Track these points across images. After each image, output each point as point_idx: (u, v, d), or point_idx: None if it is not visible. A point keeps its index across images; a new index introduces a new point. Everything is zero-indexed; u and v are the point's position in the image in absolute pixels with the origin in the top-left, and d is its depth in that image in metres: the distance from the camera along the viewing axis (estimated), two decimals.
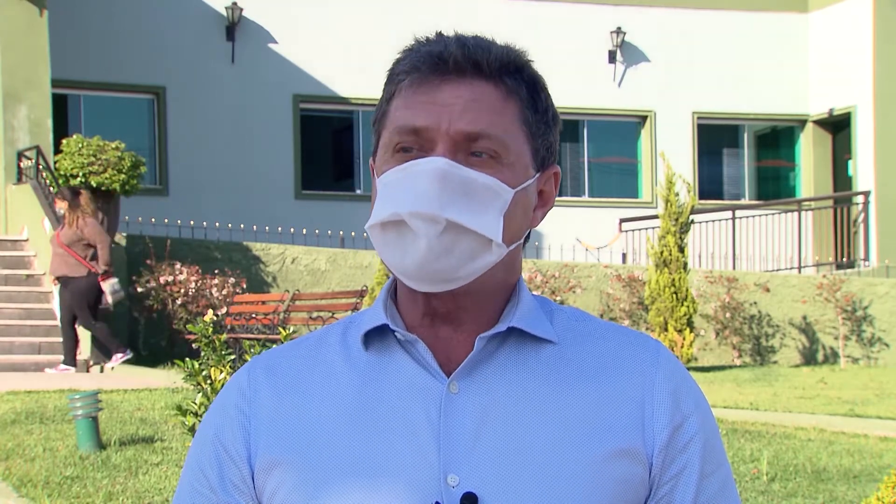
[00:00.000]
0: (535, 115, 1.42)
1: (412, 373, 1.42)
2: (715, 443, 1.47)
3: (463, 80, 1.38)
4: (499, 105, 1.39)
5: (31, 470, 6.94)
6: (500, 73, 1.39)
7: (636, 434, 1.41)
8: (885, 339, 17.29)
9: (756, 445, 8.05)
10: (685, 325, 14.78)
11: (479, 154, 1.37)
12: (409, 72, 1.39)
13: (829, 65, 21.08)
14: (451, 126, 1.36)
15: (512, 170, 1.39)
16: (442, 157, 1.36)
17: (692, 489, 1.43)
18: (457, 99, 1.37)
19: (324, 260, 16.50)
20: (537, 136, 1.42)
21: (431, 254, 1.35)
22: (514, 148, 1.39)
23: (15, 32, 15.76)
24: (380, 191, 1.40)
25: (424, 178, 1.35)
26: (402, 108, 1.39)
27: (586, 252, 19.29)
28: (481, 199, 1.37)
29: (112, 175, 15.06)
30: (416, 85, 1.38)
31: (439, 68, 1.38)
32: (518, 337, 1.44)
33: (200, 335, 5.93)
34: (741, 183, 21.94)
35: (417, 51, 1.40)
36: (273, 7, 19.31)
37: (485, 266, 1.38)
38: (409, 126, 1.38)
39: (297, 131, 19.56)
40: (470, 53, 1.38)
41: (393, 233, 1.37)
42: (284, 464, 1.41)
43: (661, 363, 1.46)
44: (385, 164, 1.40)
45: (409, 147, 1.38)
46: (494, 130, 1.37)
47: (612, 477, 1.39)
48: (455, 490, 1.36)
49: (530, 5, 20.25)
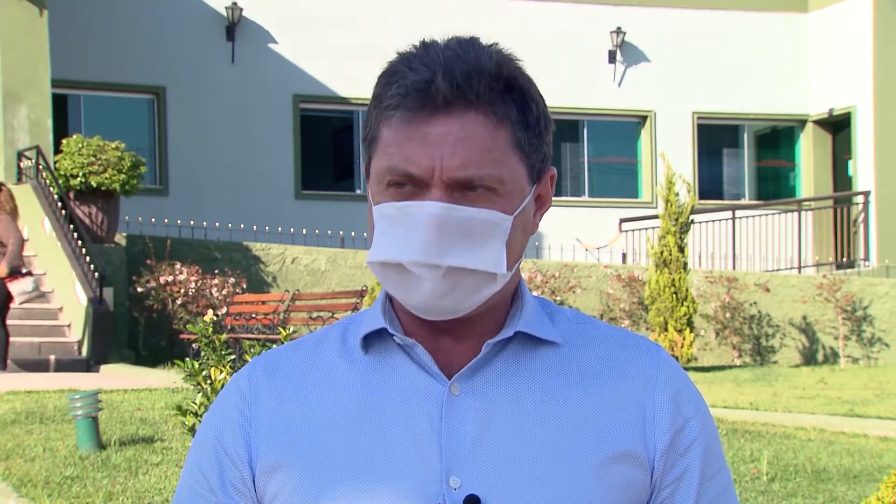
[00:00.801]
0: (528, 132, 1.38)
1: (413, 375, 1.42)
2: (715, 447, 1.48)
3: (452, 114, 1.34)
4: (489, 136, 1.35)
5: (31, 470, 6.95)
6: (490, 100, 1.36)
7: (638, 437, 1.41)
8: (885, 339, 17.29)
9: (756, 445, 8.05)
10: (685, 325, 14.78)
11: (475, 189, 1.35)
12: (398, 106, 1.36)
13: (829, 65, 21.09)
14: (443, 171, 1.34)
15: (509, 197, 1.37)
16: (437, 203, 1.33)
17: (693, 493, 1.44)
18: (447, 136, 1.34)
19: (324, 260, 16.50)
20: (531, 153, 1.40)
21: (435, 294, 1.35)
22: (508, 177, 1.37)
23: (15, 32, 15.76)
24: (378, 222, 1.38)
25: (422, 226, 1.33)
26: (394, 144, 1.36)
27: (586, 252, 19.29)
28: (481, 234, 1.35)
29: (112, 175, 15.07)
30: (405, 123, 1.35)
31: (428, 103, 1.34)
32: (521, 340, 1.44)
33: (200, 335, 5.94)
34: (741, 183, 21.94)
35: (404, 76, 1.36)
36: (273, 7, 19.31)
37: (490, 294, 1.38)
38: (402, 170, 1.35)
39: (296, 131, 19.56)
40: (457, 85, 1.34)
41: (394, 272, 1.37)
42: (286, 466, 1.41)
43: (662, 367, 1.46)
44: (379, 195, 1.38)
45: (402, 183, 1.36)
46: (486, 170, 1.35)
47: (614, 480, 1.39)
48: (457, 492, 1.36)
49: (530, 5, 20.25)
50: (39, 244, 14.93)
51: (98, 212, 15.38)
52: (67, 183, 15.14)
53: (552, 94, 21.10)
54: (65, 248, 14.18)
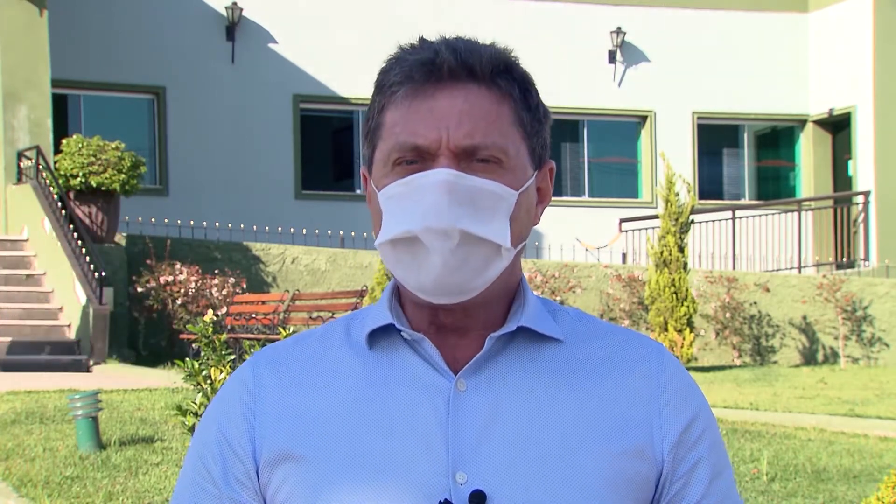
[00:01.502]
0: (529, 114, 1.42)
1: (420, 371, 1.42)
2: (720, 442, 1.49)
3: (457, 86, 1.38)
4: (494, 109, 1.39)
5: (31, 470, 6.94)
6: (493, 76, 1.40)
7: (644, 433, 1.42)
8: (885, 339, 17.29)
9: (756, 445, 8.05)
10: (685, 325, 14.78)
11: (482, 160, 1.38)
12: (403, 82, 1.39)
13: (829, 65, 21.09)
14: (450, 140, 1.36)
15: (513, 173, 1.40)
16: (446, 169, 1.36)
17: (703, 486, 1.44)
18: (452, 108, 1.37)
19: (324, 260, 16.50)
20: (532, 135, 1.43)
21: (446, 269, 1.36)
22: (512, 151, 1.40)
23: (15, 32, 15.76)
24: (384, 205, 1.40)
25: (432, 191, 1.35)
26: (400, 121, 1.39)
27: (586, 252, 19.29)
28: (488, 205, 1.37)
29: (112, 175, 15.07)
30: (410, 96, 1.38)
31: (433, 76, 1.38)
32: (525, 336, 1.45)
33: (200, 335, 5.93)
34: (741, 183, 21.94)
35: (406, 59, 1.40)
36: (273, 7, 19.31)
37: (497, 272, 1.39)
38: (409, 143, 1.38)
39: (297, 131, 19.55)
40: (462, 58, 1.38)
41: (405, 250, 1.38)
42: (291, 458, 1.41)
43: (666, 363, 1.48)
44: (385, 178, 1.40)
45: (410, 160, 1.38)
46: (492, 139, 1.38)
47: (621, 475, 1.39)
48: (464, 488, 1.36)
49: (531, 5, 20.25)
50: (39, 244, 14.93)
51: (98, 212, 15.38)
52: (67, 183, 15.14)
53: (552, 94, 21.16)
54: (65, 248, 14.18)
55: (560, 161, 20.77)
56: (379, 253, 1.42)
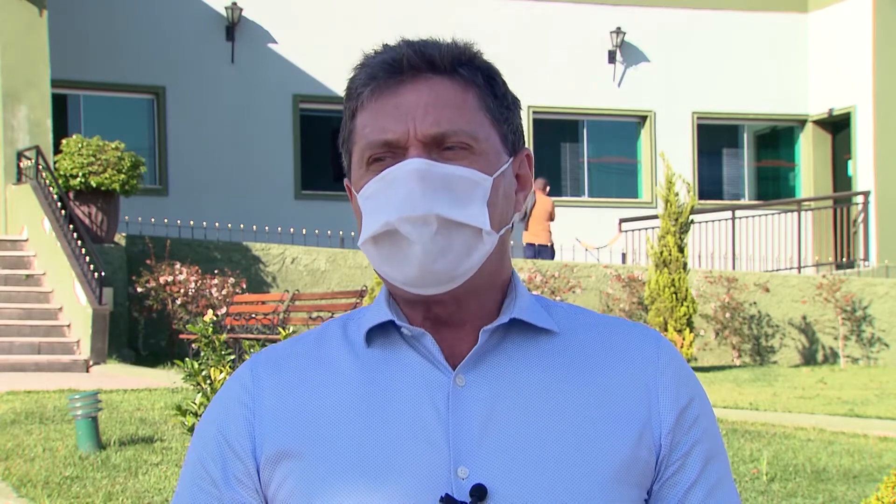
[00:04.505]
0: (496, 101, 1.45)
1: (418, 367, 1.43)
2: (715, 427, 1.51)
3: (420, 79, 1.41)
4: (458, 97, 1.42)
5: (30, 470, 6.95)
6: (454, 66, 1.43)
7: (643, 418, 1.43)
8: (885, 339, 17.29)
9: (756, 445, 8.05)
10: (685, 326, 14.78)
11: (451, 147, 1.40)
12: (367, 83, 1.42)
13: (829, 65, 21.09)
14: (417, 131, 1.39)
15: (485, 158, 1.42)
16: (417, 158, 1.38)
17: (697, 470, 1.46)
18: (418, 100, 1.40)
19: (323, 260, 16.50)
20: (502, 122, 1.45)
21: (429, 258, 1.37)
22: (482, 136, 1.42)
23: (15, 32, 15.77)
24: (363, 205, 1.42)
25: (405, 181, 1.37)
26: (370, 122, 1.42)
27: (586, 252, 19.30)
28: (463, 191, 1.39)
29: (112, 175, 15.07)
30: (376, 95, 1.42)
31: (395, 72, 1.41)
32: (520, 329, 1.46)
33: (200, 335, 5.94)
34: (741, 183, 21.94)
35: (370, 63, 1.43)
36: (273, 7, 19.31)
37: (481, 258, 1.40)
38: (379, 140, 1.40)
39: (297, 131, 19.56)
40: (422, 51, 1.42)
41: (387, 245, 1.39)
42: (292, 455, 1.41)
43: (662, 349, 1.49)
44: (362, 179, 1.43)
45: (382, 157, 1.41)
46: (459, 125, 1.40)
47: (622, 462, 1.40)
48: (465, 482, 1.37)
49: (530, 5, 20.25)
50: (39, 244, 14.93)
51: (98, 212, 15.38)
52: (67, 183, 15.14)
53: (552, 94, 21.20)
54: (64, 248, 14.18)
55: (560, 161, 20.79)
56: (364, 255, 1.44)
